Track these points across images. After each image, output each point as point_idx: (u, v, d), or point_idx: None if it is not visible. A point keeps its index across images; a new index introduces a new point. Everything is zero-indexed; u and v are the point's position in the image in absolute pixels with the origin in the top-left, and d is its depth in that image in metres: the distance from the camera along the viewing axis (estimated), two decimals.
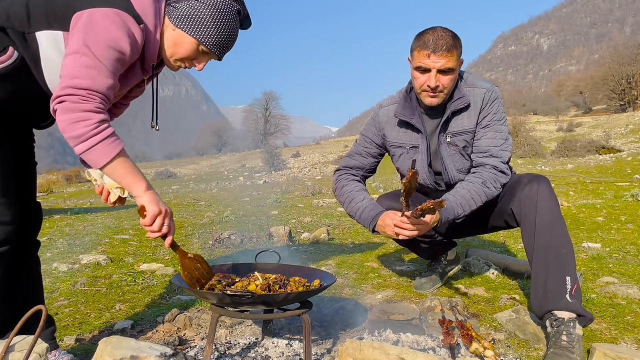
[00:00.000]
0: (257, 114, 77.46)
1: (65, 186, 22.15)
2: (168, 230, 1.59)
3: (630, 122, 28.73)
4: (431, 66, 2.10)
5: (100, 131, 1.44)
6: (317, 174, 17.40)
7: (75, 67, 1.41)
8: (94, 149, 1.43)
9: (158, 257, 3.75)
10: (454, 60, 2.10)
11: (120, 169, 1.50)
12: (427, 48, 2.08)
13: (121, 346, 1.53)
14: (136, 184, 1.54)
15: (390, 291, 2.73)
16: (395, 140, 2.42)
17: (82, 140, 1.42)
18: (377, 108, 2.51)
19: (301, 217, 5.95)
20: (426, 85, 2.15)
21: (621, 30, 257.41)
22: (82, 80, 1.41)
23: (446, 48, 2.07)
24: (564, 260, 1.98)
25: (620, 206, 5.79)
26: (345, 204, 2.45)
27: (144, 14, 1.55)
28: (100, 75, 1.44)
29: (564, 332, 1.85)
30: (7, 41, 1.46)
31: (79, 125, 1.41)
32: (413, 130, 2.35)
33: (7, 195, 1.58)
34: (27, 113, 1.64)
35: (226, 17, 1.65)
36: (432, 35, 2.10)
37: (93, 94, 1.43)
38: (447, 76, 2.13)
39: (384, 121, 2.44)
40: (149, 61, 1.65)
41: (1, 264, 1.59)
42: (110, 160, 1.47)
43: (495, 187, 2.20)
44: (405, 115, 2.32)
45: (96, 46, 1.43)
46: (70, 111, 1.40)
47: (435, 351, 1.86)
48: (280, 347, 1.92)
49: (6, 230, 1.57)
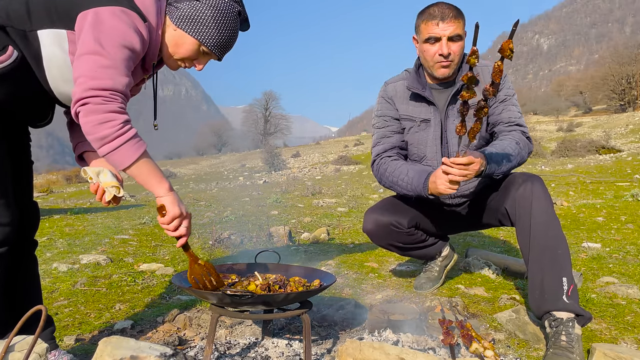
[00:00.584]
0: (257, 114, 77.51)
1: (65, 186, 22.14)
2: (185, 232, 1.60)
3: (630, 122, 28.73)
4: (441, 34, 2.15)
5: (125, 132, 1.44)
6: (317, 174, 17.40)
7: (94, 68, 1.41)
8: (118, 150, 1.43)
9: (158, 257, 3.75)
10: (461, 28, 2.17)
11: (144, 170, 1.50)
12: (435, 18, 2.15)
13: (121, 346, 1.53)
14: (160, 184, 1.55)
15: (390, 291, 2.73)
16: (405, 113, 2.42)
17: (107, 141, 1.42)
18: (384, 86, 2.51)
19: (301, 217, 5.95)
20: (438, 55, 2.20)
21: (621, 30, 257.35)
22: (103, 81, 1.41)
23: (453, 15, 2.14)
24: (559, 261, 1.98)
25: (620, 206, 5.79)
26: (395, 188, 2.39)
27: (146, 12, 1.55)
28: (119, 74, 1.45)
29: (563, 332, 1.85)
30: (6, 40, 1.45)
31: (104, 126, 1.41)
32: (424, 103, 2.37)
33: (6, 195, 1.57)
34: (25, 112, 1.64)
35: (227, 18, 1.65)
36: (437, 6, 2.17)
37: (115, 94, 1.43)
38: (456, 43, 2.18)
39: (393, 95, 2.45)
40: (149, 60, 1.65)
41: (1, 264, 1.58)
42: (135, 161, 1.47)
43: (525, 152, 2.21)
44: (417, 88, 2.35)
45: (110, 45, 1.43)
46: (94, 112, 1.40)
47: (435, 351, 1.86)
48: (280, 347, 1.92)
49: (4, 231, 1.56)
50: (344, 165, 20.94)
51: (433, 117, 2.35)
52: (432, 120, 2.35)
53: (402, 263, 3.37)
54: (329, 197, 8.57)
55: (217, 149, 67.45)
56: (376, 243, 2.63)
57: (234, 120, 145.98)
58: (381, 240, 2.58)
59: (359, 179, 13.64)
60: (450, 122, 2.33)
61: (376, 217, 2.52)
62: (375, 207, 2.61)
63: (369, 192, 9.41)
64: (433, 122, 2.35)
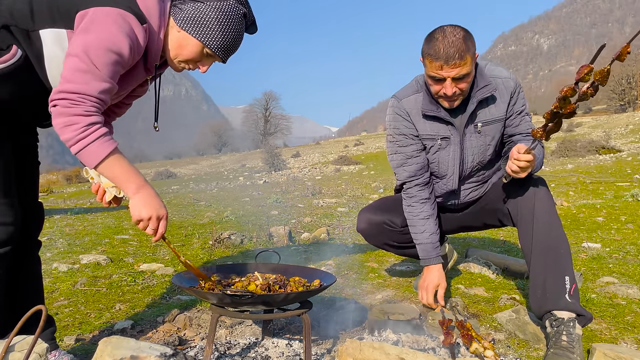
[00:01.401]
0: (257, 114, 77.49)
1: (65, 186, 22.15)
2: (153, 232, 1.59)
3: (630, 122, 28.72)
4: (445, 76, 2.01)
5: (88, 134, 1.45)
6: (317, 174, 17.40)
7: (70, 71, 1.43)
8: (83, 151, 1.45)
9: (158, 257, 3.75)
10: (468, 65, 2.00)
11: (111, 170, 1.51)
12: (439, 59, 1.97)
13: (121, 346, 1.53)
14: (127, 184, 1.54)
15: (390, 291, 2.73)
16: (424, 132, 2.30)
17: (71, 143, 1.45)
18: (396, 101, 2.37)
19: (301, 217, 5.95)
20: (442, 93, 2.08)
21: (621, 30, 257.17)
22: (75, 85, 1.42)
23: (458, 56, 1.95)
24: (562, 261, 1.98)
25: (620, 206, 5.79)
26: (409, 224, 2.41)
27: (148, 13, 1.55)
28: (95, 79, 1.45)
29: (564, 332, 1.85)
30: (10, 39, 1.46)
31: (68, 129, 1.43)
32: (441, 122, 2.25)
33: (9, 195, 1.57)
34: (30, 112, 1.64)
35: (232, 20, 1.65)
36: (442, 43, 1.97)
37: (84, 97, 1.43)
38: (463, 81, 2.05)
39: (409, 111, 2.31)
40: (151, 61, 1.65)
41: (3, 264, 1.58)
42: (101, 161, 1.48)
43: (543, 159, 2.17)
44: (432, 110, 2.23)
45: (95, 50, 1.43)
46: (61, 115, 1.42)
47: (435, 351, 1.86)
48: (280, 347, 1.92)
49: (8, 230, 1.56)
50: (344, 165, 20.95)
51: (452, 136, 2.25)
52: (451, 138, 2.25)
53: (402, 263, 3.37)
54: (329, 197, 8.57)
55: (217, 149, 67.45)
56: (371, 243, 2.63)
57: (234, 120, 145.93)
58: (375, 239, 2.58)
59: (359, 179, 13.65)
60: (467, 139, 2.23)
61: (369, 216, 2.52)
62: (369, 207, 2.61)
63: (369, 192, 9.41)
64: (452, 141, 2.26)
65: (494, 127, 2.22)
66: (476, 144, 2.25)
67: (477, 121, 2.21)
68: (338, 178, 14.78)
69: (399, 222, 2.46)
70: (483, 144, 2.25)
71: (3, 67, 1.44)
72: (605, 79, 1.53)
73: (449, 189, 2.38)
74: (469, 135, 2.24)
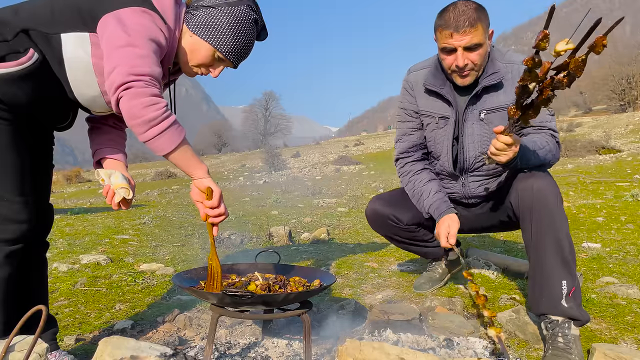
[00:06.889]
0: (257, 114, 77.60)
1: (65, 186, 22.12)
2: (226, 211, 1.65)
3: (630, 122, 28.69)
4: (456, 45, 1.98)
5: (169, 115, 1.47)
6: (317, 174, 17.40)
7: (131, 57, 1.43)
8: (164, 133, 1.46)
9: (158, 257, 3.75)
10: (480, 34, 1.97)
11: (186, 154, 1.54)
12: (449, 27, 1.96)
13: (121, 346, 1.53)
14: (201, 166, 1.59)
15: (390, 291, 2.73)
16: (424, 108, 2.29)
17: (154, 124, 1.43)
18: (407, 74, 2.37)
19: (301, 217, 5.95)
20: (454, 66, 2.05)
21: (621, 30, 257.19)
22: (142, 68, 1.43)
23: (469, 23, 1.93)
24: (563, 262, 1.92)
25: (620, 206, 5.79)
26: (415, 200, 2.40)
27: (165, 16, 1.58)
28: (155, 64, 1.48)
29: (559, 334, 1.84)
30: (28, 43, 1.47)
31: (151, 109, 1.42)
32: (443, 101, 2.23)
33: (24, 194, 1.58)
34: (47, 114, 1.65)
35: (243, 25, 1.67)
36: (453, 12, 1.97)
37: (154, 80, 1.46)
38: (475, 52, 2.00)
39: (414, 85, 2.31)
40: (165, 65, 1.67)
41: (13, 262, 1.58)
42: (178, 145, 1.50)
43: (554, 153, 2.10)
44: (435, 85, 2.20)
45: (140, 39, 1.46)
46: (139, 96, 1.41)
47: (435, 351, 1.86)
48: (280, 347, 1.92)
49: (21, 228, 1.57)
50: (344, 166, 20.94)
51: (451, 116, 2.22)
52: (449, 118, 2.23)
53: (402, 263, 3.37)
54: (329, 197, 8.57)
55: (217, 149, 67.42)
56: (375, 231, 2.64)
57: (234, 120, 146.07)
58: (379, 230, 2.59)
59: (359, 179, 13.65)
60: (469, 125, 2.19)
61: (377, 207, 2.50)
62: (380, 197, 2.58)
63: (369, 192, 9.40)
64: (450, 121, 2.23)
65: (499, 115, 2.14)
66: (478, 132, 2.20)
67: (482, 108, 2.17)
68: (338, 178, 14.78)
69: (405, 219, 2.45)
70: (487, 133, 2.18)
71: (20, 69, 1.45)
72: (580, 69, 1.51)
73: (446, 171, 2.35)
74: (471, 122, 2.20)
